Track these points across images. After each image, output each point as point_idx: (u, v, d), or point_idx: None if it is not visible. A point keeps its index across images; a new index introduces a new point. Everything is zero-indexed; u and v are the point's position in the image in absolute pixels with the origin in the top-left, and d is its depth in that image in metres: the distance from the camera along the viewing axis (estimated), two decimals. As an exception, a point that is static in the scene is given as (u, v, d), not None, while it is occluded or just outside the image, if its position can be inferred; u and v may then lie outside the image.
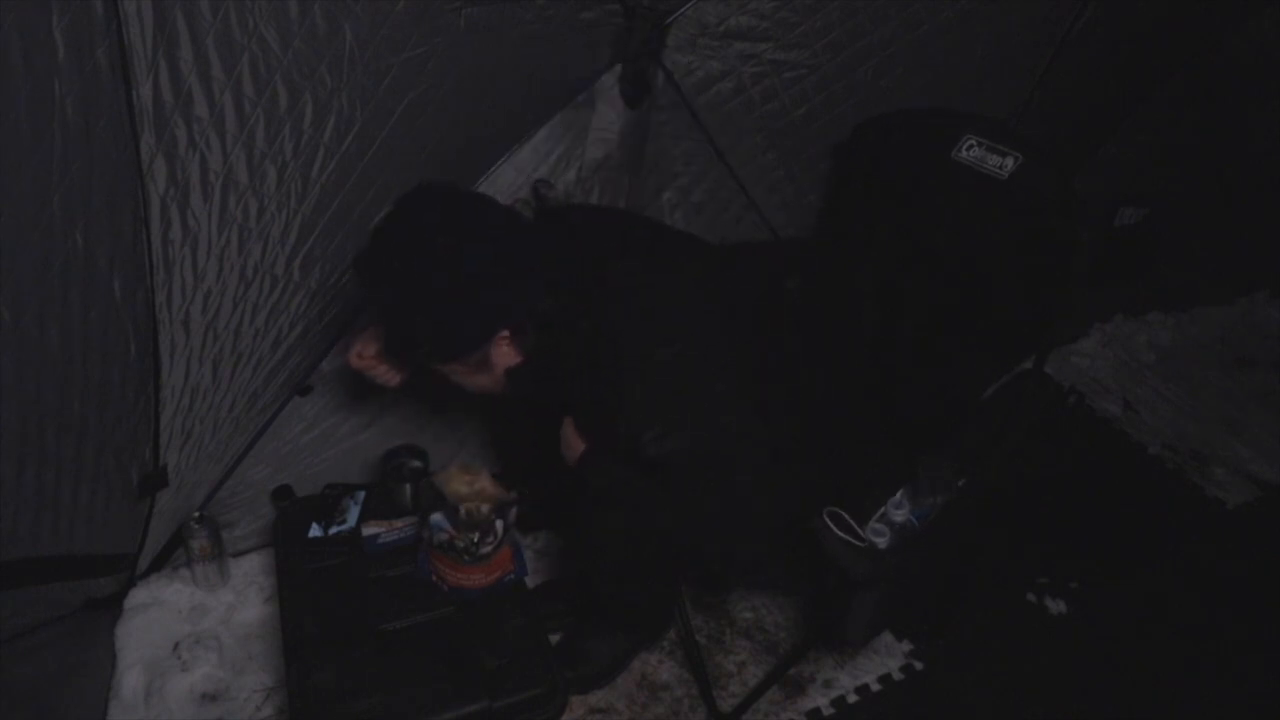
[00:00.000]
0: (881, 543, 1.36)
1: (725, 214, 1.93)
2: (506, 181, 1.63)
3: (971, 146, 1.44)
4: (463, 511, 1.37)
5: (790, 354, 1.41)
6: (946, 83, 1.86)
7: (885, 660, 1.82)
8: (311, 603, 1.40)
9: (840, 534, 1.36)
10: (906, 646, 1.85)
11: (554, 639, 1.68)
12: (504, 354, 1.23)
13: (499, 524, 1.40)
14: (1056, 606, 2.00)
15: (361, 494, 1.60)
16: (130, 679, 1.56)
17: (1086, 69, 2.07)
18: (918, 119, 1.62)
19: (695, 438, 1.24)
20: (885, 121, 1.70)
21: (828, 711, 1.71)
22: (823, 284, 1.67)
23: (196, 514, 1.65)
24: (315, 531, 1.52)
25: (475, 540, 1.37)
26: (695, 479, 1.26)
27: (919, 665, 1.82)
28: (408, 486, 1.58)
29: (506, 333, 1.20)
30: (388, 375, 1.41)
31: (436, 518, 1.39)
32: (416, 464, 1.64)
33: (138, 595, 1.69)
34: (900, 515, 1.42)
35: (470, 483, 1.42)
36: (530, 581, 1.65)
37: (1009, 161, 1.40)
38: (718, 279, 1.39)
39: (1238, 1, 2.17)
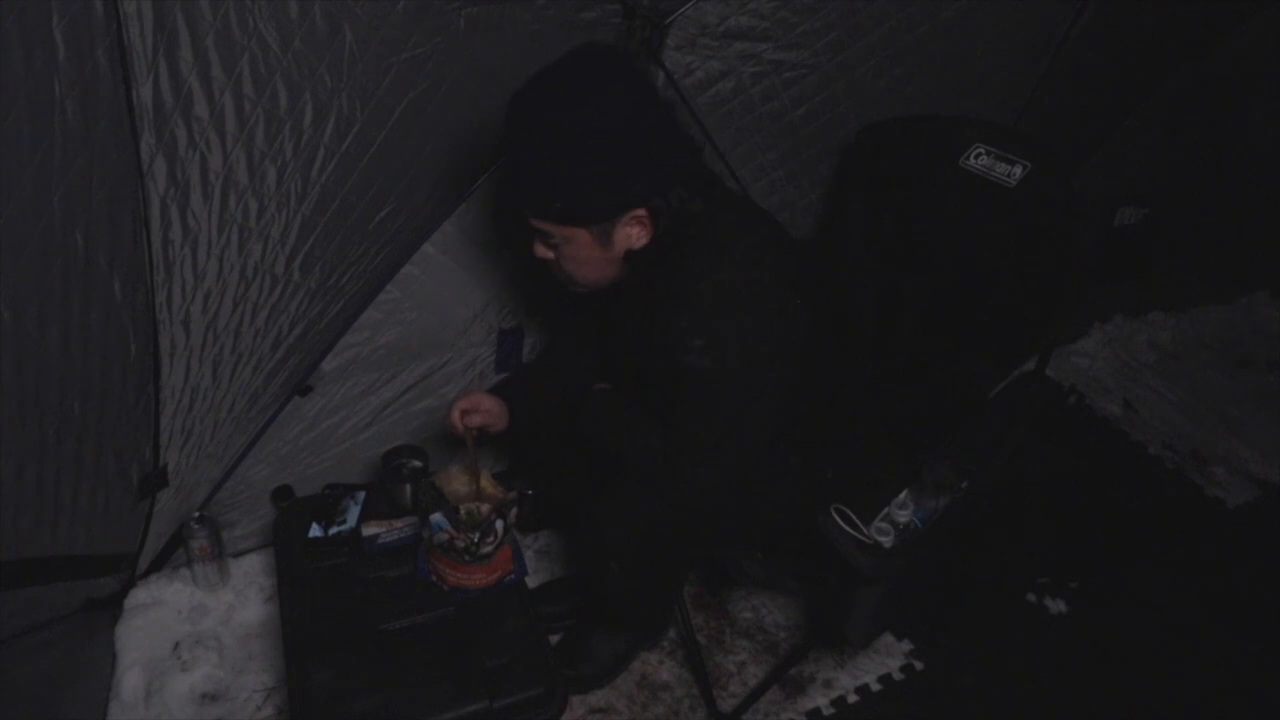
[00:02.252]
0: (886, 542, 1.36)
1: (725, 214, 1.93)
2: (506, 181, 1.63)
3: (980, 154, 1.44)
4: (463, 511, 1.38)
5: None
6: (946, 82, 1.86)
7: (885, 660, 1.82)
8: (311, 603, 1.40)
9: (848, 529, 1.36)
10: (906, 646, 1.85)
11: (554, 639, 1.69)
12: (630, 234, 1.22)
13: (499, 524, 1.40)
14: (1056, 606, 2.00)
15: (361, 494, 1.60)
16: (130, 679, 1.56)
17: (1087, 68, 2.07)
18: (925, 125, 1.61)
19: (738, 367, 1.24)
20: (891, 126, 1.70)
21: (828, 711, 1.71)
22: (823, 284, 1.67)
23: (196, 514, 1.65)
24: (315, 531, 1.52)
25: (475, 540, 1.37)
26: (714, 405, 1.26)
27: (919, 665, 1.82)
28: (408, 486, 1.58)
29: (643, 211, 1.20)
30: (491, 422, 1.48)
31: (436, 518, 1.39)
32: (416, 464, 1.64)
33: (138, 595, 1.69)
34: (904, 516, 1.42)
35: (470, 483, 1.42)
36: (530, 581, 1.65)
37: (1017, 170, 1.40)
38: None
39: (1238, 1, 2.17)
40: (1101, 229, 2.33)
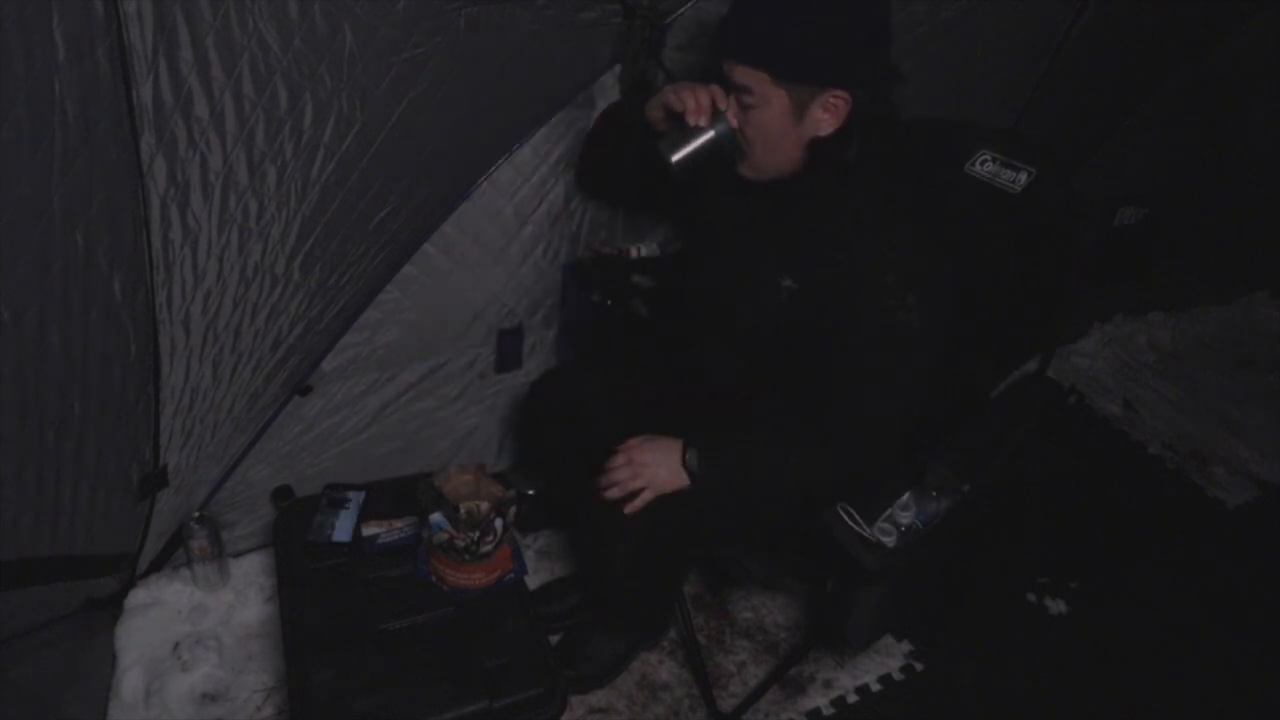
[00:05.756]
0: (889, 542, 1.36)
1: (725, 214, 1.93)
2: (506, 181, 1.63)
3: (985, 161, 1.44)
4: (462, 511, 1.37)
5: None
6: (946, 82, 1.86)
7: (885, 660, 1.82)
8: (311, 603, 1.40)
9: (853, 525, 1.36)
10: (906, 646, 1.85)
11: (554, 639, 1.69)
12: (821, 119, 1.23)
13: (498, 523, 1.40)
14: (1056, 606, 2.00)
15: (361, 494, 1.59)
16: (130, 679, 1.57)
17: (1087, 68, 2.07)
18: (930, 129, 1.61)
19: (942, 326, 1.28)
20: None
21: (828, 711, 1.71)
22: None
23: (196, 514, 1.65)
24: (315, 532, 1.52)
25: (475, 539, 1.37)
26: (912, 360, 1.29)
27: (919, 665, 1.82)
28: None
29: (844, 96, 1.20)
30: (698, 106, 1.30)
31: (436, 518, 1.39)
32: None
33: (138, 595, 1.69)
34: (907, 517, 1.42)
35: (470, 482, 1.42)
36: (530, 581, 1.65)
37: (1022, 176, 1.40)
38: None
39: (1238, 1, 2.17)
40: (1101, 229, 2.33)
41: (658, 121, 1.36)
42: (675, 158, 1.29)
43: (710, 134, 1.28)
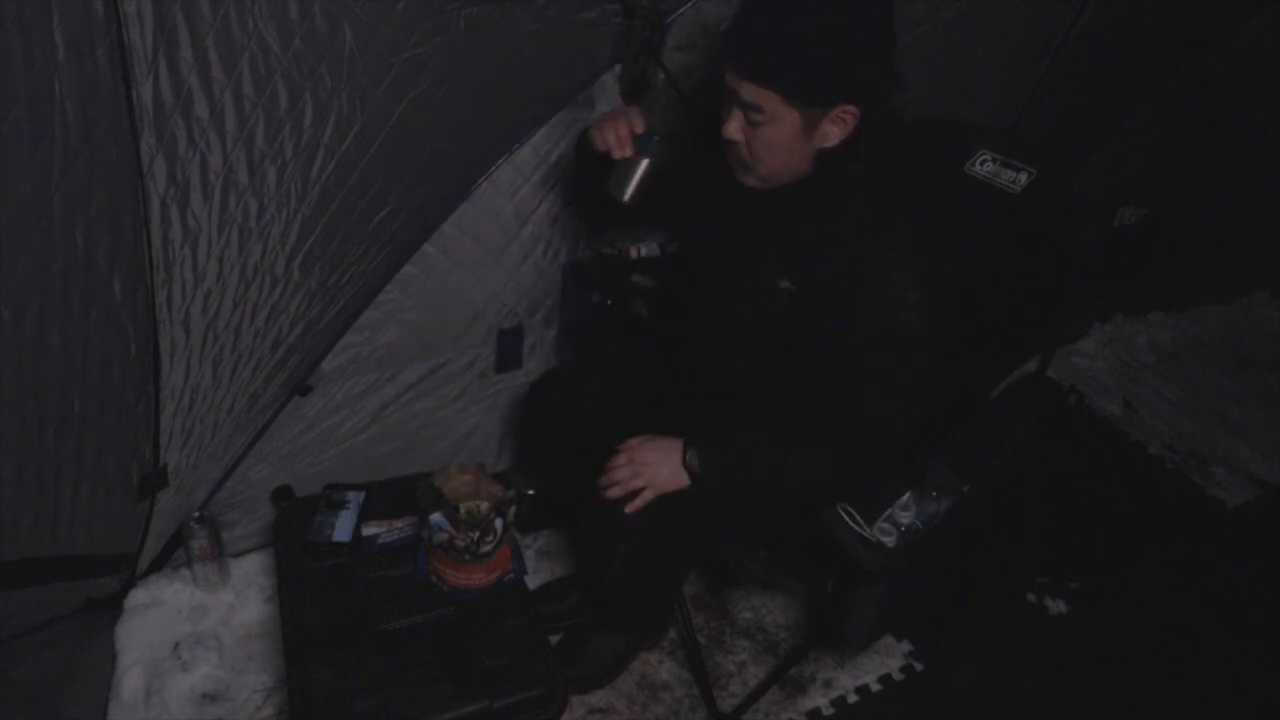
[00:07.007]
0: (889, 542, 1.37)
1: (725, 214, 1.93)
2: (506, 181, 1.63)
3: (985, 161, 1.44)
4: (462, 511, 1.37)
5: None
6: (946, 82, 1.86)
7: (885, 660, 1.82)
8: (311, 602, 1.40)
9: (853, 525, 1.36)
10: (906, 646, 1.85)
11: (554, 639, 1.69)
12: (830, 131, 1.24)
13: (498, 523, 1.40)
14: (1056, 606, 2.00)
15: (361, 494, 1.60)
16: (130, 679, 1.57)
17: (1087, 68, 2.07)
18: (929, 129, 1.62)
19: (942, 326, 1.29)
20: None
21: (828, 711, 1.71)
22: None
23: (196, 514, 1.65)
24: (315, 532, 1.52)
25: (475, 539, 1.37)
26: (912, 361, 1.29)
27: (919, 665, 1.82)
28: (645, 162, 1.35)
29: (854, 110, 1.21)
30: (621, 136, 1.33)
31: (436, 518, 1.39)
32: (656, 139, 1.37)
33: (138, 595, 1.69)
34: (907, 517, 1.42)
35: (470, 482, 1.42)
36: (530, 581, 1.65)
37: (1022, 177, 1.40)
38: None
39: (1238, 1, 2.17)
40: (1101, 229, 2.34)
41: (599, 157, 1.39)
42: (625, 196, 1.33)
43: (645, 161, 1.31)
